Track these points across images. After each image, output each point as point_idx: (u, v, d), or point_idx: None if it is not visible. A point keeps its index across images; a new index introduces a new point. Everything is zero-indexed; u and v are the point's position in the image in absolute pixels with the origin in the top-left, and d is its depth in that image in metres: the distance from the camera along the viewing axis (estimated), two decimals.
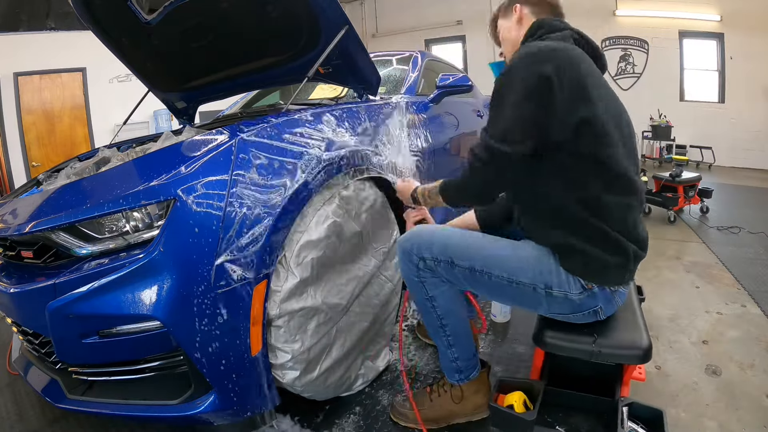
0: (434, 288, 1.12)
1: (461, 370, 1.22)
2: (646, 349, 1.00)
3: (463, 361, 1.21)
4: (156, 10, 1.58)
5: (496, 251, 1.06)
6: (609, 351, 1.01)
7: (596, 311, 1.03)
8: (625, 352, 1.01)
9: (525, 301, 1.06)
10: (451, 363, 1.21)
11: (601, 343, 1.02)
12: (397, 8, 8.30)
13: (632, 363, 1.07)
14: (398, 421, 1.29)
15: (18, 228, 1.05)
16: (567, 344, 1.04)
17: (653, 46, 6.59)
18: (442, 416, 1.26)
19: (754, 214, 3.61)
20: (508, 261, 1.04)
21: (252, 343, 1.04)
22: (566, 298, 1.00)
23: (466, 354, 1.21)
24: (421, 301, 1.16)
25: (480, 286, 1.09)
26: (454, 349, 1.19)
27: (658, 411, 1.02)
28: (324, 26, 1.59)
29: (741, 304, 1.96)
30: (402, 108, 1.91)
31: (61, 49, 5.04)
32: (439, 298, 1.13)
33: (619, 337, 1.03)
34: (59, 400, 1.11)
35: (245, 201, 1.03)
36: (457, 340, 1.18)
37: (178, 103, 2.19)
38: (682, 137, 6.33)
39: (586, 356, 1.02)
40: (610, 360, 1.03)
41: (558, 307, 1.03)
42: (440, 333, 1.18)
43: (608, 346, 1.01)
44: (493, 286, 1.06)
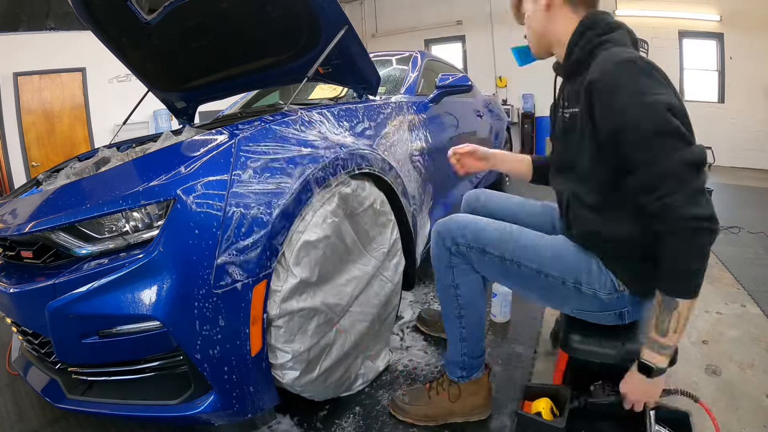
0: (462, 276, 1.13)
1: (465, 367, 1.22)
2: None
3: (470, 358, 1.21)
4: (156, 10, 1.58)
5: (529, 241, 1.06)
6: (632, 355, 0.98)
7: (622, 314, 1.02)
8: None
9: (552, 295, 1.06)
10: (458, 357, 1.21)
11: (630, 348, 1.00)
12: (397, 8, 8.30)
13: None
14: (396, 415, 1.30)
15: (18, 228, 1.05)
16: (596, 349, 1.03)
17: (653, 46, 6.58)
18: (440, 414, 1.26)
19: (754, 214, 3.61)
20: (539, 251, 1.04)
21: (252, 343, 1.04)
22: (595, 296, 1.00)
23: (476, 351, 1.21)
24: (445, 287, 1.16)
25: (508, 276, 1.09)
26: (465, 343, 1.19)
27: (684, 413, 1.00)
28: (324, 26, 1.59)
29: (741, 304, 1.96)
30: (402, 108, 1.91)
31: (61, 49, 5.04)
32: (464, 287, 1.14)
33: (637, 341, 1.02)
34: (59, 400, 1.11)
35: (245, 201, 1.03)
36: (471, 334, 1.18)
37: (177, 103, 2.19)
38: None
39: (616, 361, 1.01)
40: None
41: (587, 304, 1.02)
42: (456, 323, 1.18)
43: (636, 350, 0.97)
44: (521, 276, 1.05)
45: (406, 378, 1.49)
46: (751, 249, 2.70)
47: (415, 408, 1.28)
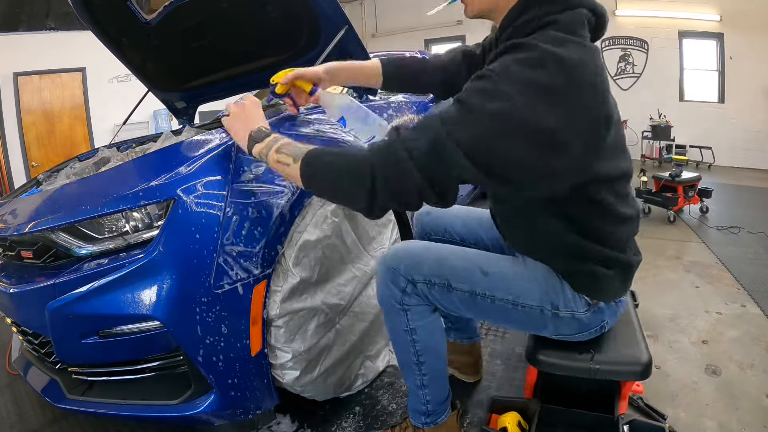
0: (419, 318, 0.97)
1: (429, 413, 1.07)
2: (645, 364, 0.94)
3: (434, 404, 1.06)
4: (156, 10, 1.58)
5: (498, 269, 0.94)
6: (608, 368, 0.95)
7: (602, 326, 0.96)
8: (625, 368, 0.96)
9: (530, 324, 0.96)
10: (420, 404, 1.06)
11: (599, 360, 0.94)
12: (397, 8, 8.30)
13: (631, 380, 1.01)
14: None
15: (18, 228, 1.06)
16: (564, 362, 0.97)
17: (653, 46, 6.59)
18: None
19: (754, 214, 3.61)
20: (512, 281, 0.93)
21: (252, 343, 1.04)
22: (573, 317, 0.92)
23: (439, 397, 1.07)
24: (398, 332, 0.99)
25: (480, 310, 0.96)
26: (426, 390, 1.04)
27: (660, 427, 0.98)
28: (324, 26, 1.59)
29: (741, 304, 1.96)
30: (402, 108, 1.91)
31: (61, 49, 5.04)
32: (421, 331, 0.98)
33: (617, 352, 0.97)
34: (59, 400, 1.11)
35: (245, 201, 1.03)
36: (432, 380, 1.03)
37: (177, 103, 2.19)
38: (681, 137, 6.33)
39: (584, 374, 0.95)
40: (609, 377, 0.97)
41: (565, 327, 0.94)
42: (414, 371, 1.02)
43: (607, 362, 0.94)
44: (496, 309, 0.94)
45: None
46: (751, 249, 2.70)
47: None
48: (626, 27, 6.66)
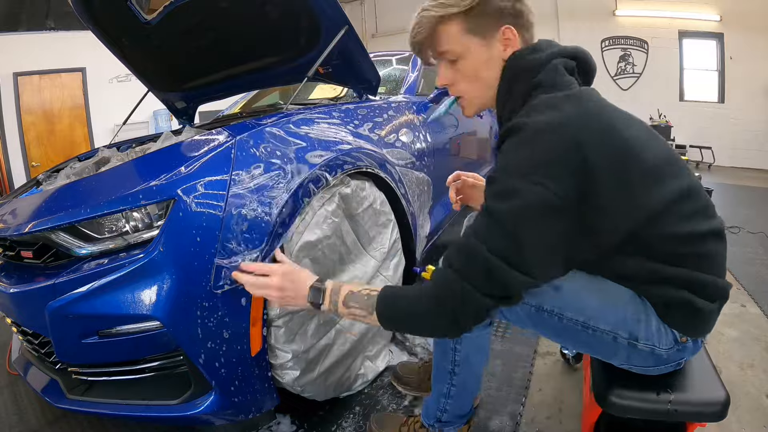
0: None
1: (443, 421, 1.08)
2: (723, 404, 0.84)
3: (450, 416, 1.07)
4: (156, 10, 1.58)
5: (570, 286, 0.82)
6: (686, 409, 0.84)
7: (680, 363, 0.86)
8: (703, 409, 0.84)
9: (599, 349, 0.85)
10: (436, 409, 1.07)
11: (676, 401, 0.83)
12: (397, 8, 8.29)
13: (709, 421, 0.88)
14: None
15: (18, 228, 1.05)
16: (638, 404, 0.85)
17: (653, 46, 6.59)
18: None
19: (754, 214, 3.61)
20: (586, 301, 0.81)
21: (252, 343, 1.04)
22: (652, 353, 0.80)
23: (459, 411, 1.06)
24: (442, 339, 0.99)
25: (545, 327, 0.85)
26: (449, 401, 1.04)
27: None
28: (324, 26, 1.59)
29: (741, 304, 1.96)
30: (402, 108, 1.91)
31: (61, 49, 5.04)
32: (466, 343, 0.97)
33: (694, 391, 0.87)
34: (59, 400, 1.11)
35: (245, 201, 1.03)
36: (459, 394, 1.03)
37: (177, 103, 2.19)
38: (681, 137, 6.33)
39: (662, 417, 0.85)
40: (687, 419, 0.87)
41: (639, 360, 0.82)
42: (445, 379, 1.02)
43: (684, 403, 0.84)
44: (562, 329, 0.83)
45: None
46: (751, 249, 2.70)
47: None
48: (626, 27, 6.66)
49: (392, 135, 1.75)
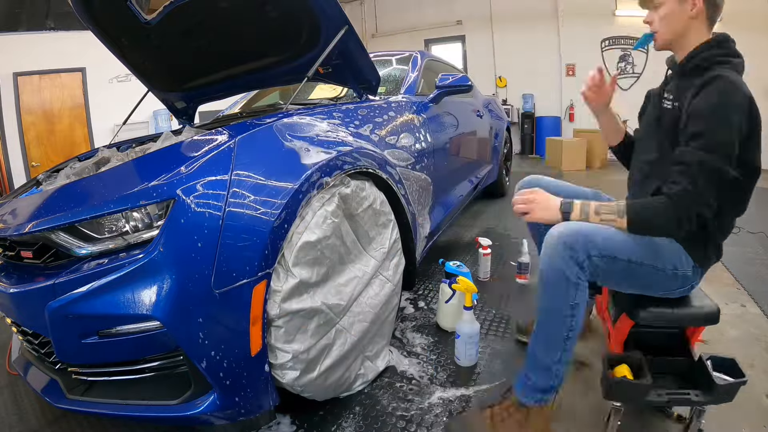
0: (583, 295, 1.06)
1: (547, 390, 1.13)
2: (715, 312, 1.18)
3: (559, 379, 1.13)
4: (156, 10, 1.59)
5: (645, 240, 1.09)
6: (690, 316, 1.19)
7: (693, 286, 1.17)
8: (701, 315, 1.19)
9: (655, 284, 1.13)
10: (548, 380, 1.12)
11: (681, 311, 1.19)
12: (397, 8, 8.30)
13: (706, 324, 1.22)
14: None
15: (17, 228, 1.05)
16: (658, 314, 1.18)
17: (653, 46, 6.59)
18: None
19: (754, 214, 3.61)
20: (650, 248, 1.09)
21: (252, 343, 1.04)
22: (685, 277, 1.11)
23: (564, 375, 1.14)
24: (558, 308, 1.06)
25: (631, 276, 1.10)
26: (560, 366, 1.11)
27: (732, 360, 1.17)
28: (324, 26, 1.59)
29: (741, 304, 1.96)
30: (402, 108, 1.91)
31: (61, 49, 5.04)
32: (581, 308, 1.07)
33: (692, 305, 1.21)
34: (59, 401, 1.11)
35: (245, 201, 1.03)
36: (569, 357, 1.12)
37: (177, 103, 2.19)
38: None
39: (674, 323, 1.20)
40: (692, 324, 1.22)
41: (675, 284, 1.12)
42: (559, 346, 1.10)
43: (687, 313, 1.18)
44: (638, 274, 1.10)
45: (408, 380, 1.49)
46: (751, 249, 2.70)
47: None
48: (626, 27, 6.66)
49: (392, 135, 1.75)
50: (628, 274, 1.09)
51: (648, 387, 1.10)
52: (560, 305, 1.07)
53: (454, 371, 1.52)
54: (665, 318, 1.18)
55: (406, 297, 2.08)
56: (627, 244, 1.08)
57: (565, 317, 1.07)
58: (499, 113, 4.05)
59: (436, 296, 2.05)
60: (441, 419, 1.30)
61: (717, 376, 1.13)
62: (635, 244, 1.08)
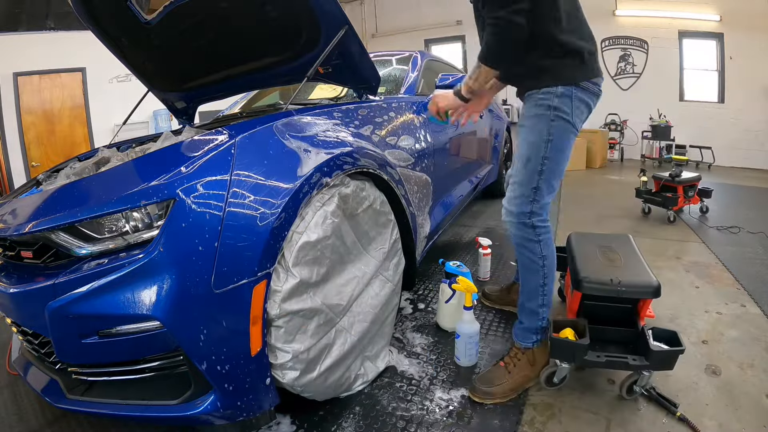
0: (547, 246, 1.32)
1: (539, 331, 1.38)
2: (656, 286, 1.36)
3: (546, 320, 1.37)
4: (156, 10, 1.58)
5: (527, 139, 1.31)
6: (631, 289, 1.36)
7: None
8: (643, 288, 1.37)
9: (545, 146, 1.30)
10: (536, 324, 1.37)
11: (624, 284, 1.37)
12: (397, 8, 8.30)
13: (648, 297, 1.38)
14: (484, 401, 1.35)
15: (17, 228, 1.05)
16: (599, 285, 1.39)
17: (653, 46, 6.59)
18: (520, 384, 1.38)
19: (754, 214, 3.61)
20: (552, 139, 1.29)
21: (252, 343, 1.04)
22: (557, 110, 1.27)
23: (549, 312, 1.38)
24: (533, 261, 1.33)
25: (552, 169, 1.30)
26: (545, 308, 1.35)
27: (673, 332, 1.31)
28: (324, 26, 1.59)
29: (741, 304, 1.96)
30: (402, 108, 1.91)
31: (61, 49, 5.03)
32: (550, 258, 1.32)
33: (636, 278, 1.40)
34: (59, 400, 1.11)
35: (245, 201, 1.03)
36: (548, 300, 1.36)
37: (177, 103, 2.19)
38: (681, 137, 6.33)
39: (613, 293, 1.37)
40: (633, 295, 1.37)
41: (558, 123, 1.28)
42: (539, 292, 1.34)
43: (629, 285, 1.37)
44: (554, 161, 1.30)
45: (408, 380, 1.49)
46: (751, 249, 2.70)
47: (500, 387, 1.36)
48: (626, 27, 6.66)
49: (392, 135, 1.75)
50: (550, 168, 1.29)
51: (585, 347, 1.28)
52: (532, 259, 1.33)
53: (454, 371, 1.52)
54: (605, 289, 1.37)
55: (406, 297, 2.08)
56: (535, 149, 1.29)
57: (538, 268, 1.34)
58: (499, 113, 4.05)
59: (436, 296, 2.05)
60: (441, 419, 1.30)
61: (654, 345, 1.26)
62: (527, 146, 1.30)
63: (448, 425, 1.28)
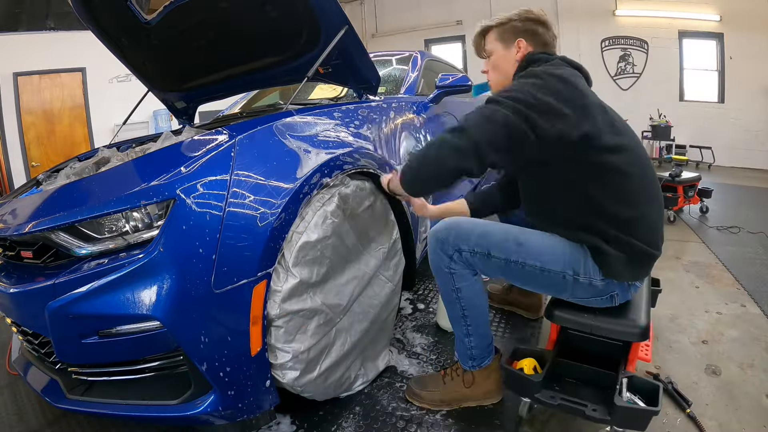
0: (462, 280, 1.18)
1: (475, 357, 1.29)
2: (643, 327, 1.10)
3: (478, 349, 1.28)
4: (156, 10, 1.58)
5: (530, 241, 1.14)
6: (610, 327, 1.13)
7: (613, 297, 1.13)
8: (625, 329, 1.12)
9: (552, 286, 1.15)
10: (466, 350, 1.29)
11: (603, 320, 1.14)
12: (397, 8, 8.30)
13: (630, 339, 1.16)
14: (412, 401, 1.35)
15: (18, 228, 1.05)
16: (573, 318, 1.17)
17: (653, 46, 6.59)
18: (454, 399, 1.33)
19: (754, 214, 3.61)
20: (541, 251, 1.12)
21: (252, 343, 1.04)
22: (590, 284, 1.10)
23: (482, 343, 1.28)
24: (447, 292, 1.23)
25: (512, 275, 1.17)
26: (471, 338, 1.26)
27: (655, 385, 1.09)
28: (324, 26, 1.59)
29: (741, 304, 1.96)
30: (402, 108, 1.91)
31: (61, 49, 5.03)
32: (465, 291, 1.20)
33: (621, 316, 1.15)
34: (59, 401, 1.11)
35: (245, 201, 1.03)
36: (476, 330, 1.25)
37: (177, 103, 2.19)
38: (681, 137, 6.33)
39: (587, 329, 1.15)
40: (610, 335, 1.14)
41: (582, 291, 1.12)
42: (461, 322, 1.25)
43: (609, 322, 1.13)
44: (525, 274, 1.14)
45: (408, 380, 1.49)
46: (751, 249, 2.70)
47: (430, 393, 1.34)
48: (626, 27, 6.66)
49: (392, 135, 1.75)
50: (510, 272, 1.16)
51: (536, 384, 1.12)
52: (446, 290, 1.22)
53: None
54: (579, 323, 1.16)
55: (406, 297, 2.08)
56: (506, 244, 1.13)
57: (454, 299, 1.22)
58: None
59: (436, 296, 2.05)
60: (441, 419, 1.30)
61: (624, 396, 1.05)
62: (517, 244, 1.13)
63: (448, 425, 1.28)
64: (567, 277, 1.10)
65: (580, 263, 1.10)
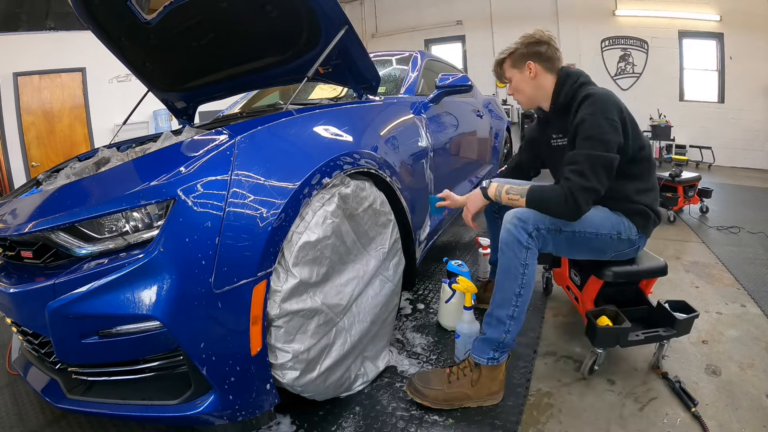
0: (532, 258, 1.30)
1: (499, 349, 1.32)
2: (664, 265, 1.52)
3: (511, 335, 1.32)
4: (156, 10, 1.58)
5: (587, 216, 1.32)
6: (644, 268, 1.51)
7: (639, 247, 1.48)
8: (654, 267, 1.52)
9: (600, 248, 1.41)
10: (500, 337, 1.31)
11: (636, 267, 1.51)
12: (397, 8, 8.30)
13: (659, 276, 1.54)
14: (413, 398, 1.34)
15: (18, 228, 1.05)
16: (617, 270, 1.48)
17: (653, 46, 6.59)
18: (457, 398, 1.33)
19: (754, 214, 3.61)
20: (593, 221, 1.36)
21: (252, 343, 1.04)
22: (629, 239, 1.41)
23: (517, 329, 1.33)
24: (514, 267, 1.29)
25: (575, 243, 1.37)
26: (512, 322, 1.31)
27: (683, 301, 1.49)
28: (324, 26, 1.59)
29: (741, 304, 1.96)
30: (402, 108, 1.91)
31: (61, 49, 5.03)
32: (530, 267, 1.30)
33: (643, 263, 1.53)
34: (59, 401, 1.11)
35: (245, 201, 1.03)
36: (520, 314, 1.31)
37: (177, 103, 2.19)
38: (681, 137, 6.34)
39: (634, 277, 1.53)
40: (646, 275, 1.53)
41: (623, 245, 1.42)
42: (511, 302, 1.30)
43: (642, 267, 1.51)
44: (585, 240, 1.37)
45: (408, 378, 1.49)
46: (751, 249, 2.70)
47: (433, 392, 1.33)
48: (626, 27, 6.66)
49: (392, 135, 1.75)
50: (575, 242, 1.37)
51: (628, 330, 1.39)
52: (515, 264, 1.29)
53: None
54: (627, 274, 1.48)
55: (406, 297, 2.08)
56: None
57: (517, 274, 1.29)
58: (499, 113, 4.05)
59: (436, 296, 2.05)
60: (441, 419, 1.30)
61: (676, 315, 1.42)
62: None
63: (448, 425, 1.28)
64: (613, 236, 1.39)
65: (621, 225, 1.40)
